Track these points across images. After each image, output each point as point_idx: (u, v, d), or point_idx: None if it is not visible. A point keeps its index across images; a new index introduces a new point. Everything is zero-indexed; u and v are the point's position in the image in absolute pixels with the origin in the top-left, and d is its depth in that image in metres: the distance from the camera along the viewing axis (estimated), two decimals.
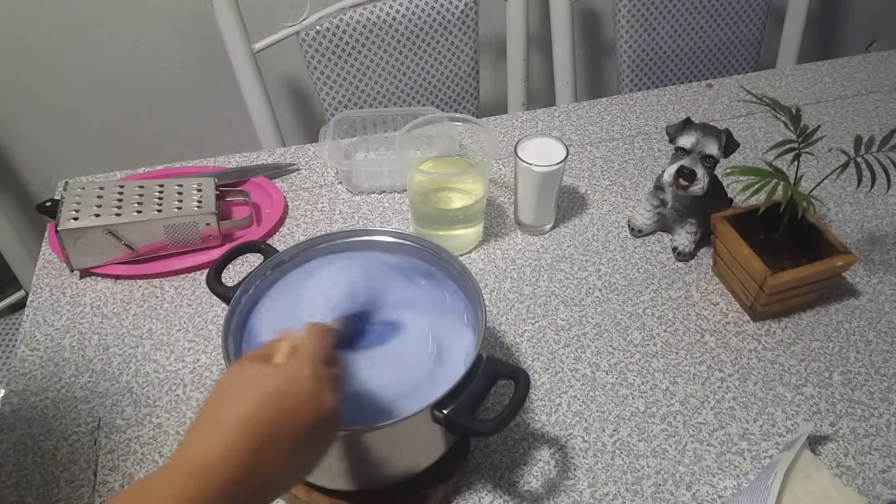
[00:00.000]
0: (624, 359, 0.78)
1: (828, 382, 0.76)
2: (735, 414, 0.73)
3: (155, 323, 0.83)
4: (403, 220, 0.95)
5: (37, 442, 0.71)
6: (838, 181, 0.98)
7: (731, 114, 1.13)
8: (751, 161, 1.04)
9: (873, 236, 0.92)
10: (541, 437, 0.71)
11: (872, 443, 0.70)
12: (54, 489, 0.67)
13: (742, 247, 0.79)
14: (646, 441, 0.71)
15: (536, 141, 0.88)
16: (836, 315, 0.83)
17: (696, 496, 0.66)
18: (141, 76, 1.50)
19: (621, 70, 1.47)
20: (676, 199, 0.87)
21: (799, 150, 0.76)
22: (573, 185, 1.00)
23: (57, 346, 0.80)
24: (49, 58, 1.43)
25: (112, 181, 0.89)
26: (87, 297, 0.86)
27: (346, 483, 0.63)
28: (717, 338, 0.80)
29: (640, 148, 1.07)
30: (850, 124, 1.10)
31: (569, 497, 0.66)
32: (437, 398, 0.56)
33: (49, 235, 0.91)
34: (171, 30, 1.46)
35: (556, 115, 1.14)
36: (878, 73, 1.21)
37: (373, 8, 1.24)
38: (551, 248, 0.91)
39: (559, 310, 0.83)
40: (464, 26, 1.32)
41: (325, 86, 1.29)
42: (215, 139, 1.66)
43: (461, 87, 1.40)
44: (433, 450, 0.62)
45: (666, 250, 0.91)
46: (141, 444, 0.71)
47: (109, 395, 0.75)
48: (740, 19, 1.46)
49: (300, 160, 1.05)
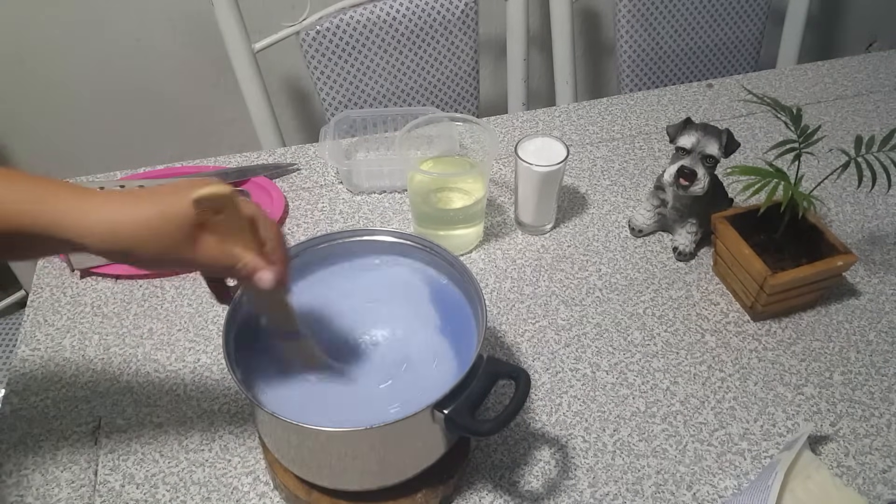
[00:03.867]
0: (624, 359, 0.78)
1: (828, 382, 0.76)
2: (735, 414, 0.73)
3: (155, 323, 0.82)
4: (404, 220, 0.95)
5: (37, 442, 0.71)
6: (839, 181, 0.98)
7: (731, 114, 1.13)
8: (751, 161, 1.03)
9: (874, 236, 0.92)
10: (541, 437, 0.71)
11: (873, 443, 0.70)
12: (54, 489, 0.67)
13: (742, 247, 0.79)
14: (646, 441, 0.71)
15: (537, 141, 0.88)
16: (836, 315, 0.83)
17: (696, 496, 0.66)
18: (141, 76, 1.50)
19: (621, 70, 1.47)
20: (677, 199, 0.87)
21: (799, 150, 0.76)
22: (573, 185, 1.00)
23: (57, 346, 0.80)
24: (49, 58, 1.43)
25: (112, 181, 0.89)
26: (88, 296, 0.86)
27: (346, 483, 0.63)
28: (717, 338, 0.80)
29: (640, 148, 1.07)
30: (850, 124, 1.10)
31: (569, 497, 0.66)
32: (438, 398, 0.56)
33: None
34: (171, 30, 1.46)
35: (557, 115, 1.14)
36: (879, 73, 1.21)
37: (373, 8, 1.24)
38: (552, 247, 0.91)
39: (559, 310, 0.83)
40: (464, 26, 1.32)
41: (325, 86, 1.29)
42: (215, 139, 1.66)
43: (461, 87, 1.40)
44: (433, 450, 0.62)
45: (666, 250, 0.91)
46: (141, 444, 0.71)
47: (110, 395, 0.75)
48: (740, 19, 1.46)
49: (300, 160, 1.05)
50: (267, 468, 0.67)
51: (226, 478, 0.68)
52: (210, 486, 0.67)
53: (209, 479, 0.68)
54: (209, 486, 0.67)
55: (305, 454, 0.61)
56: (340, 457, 0.60)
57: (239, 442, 0.71)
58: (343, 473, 0.61)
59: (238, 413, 0.73)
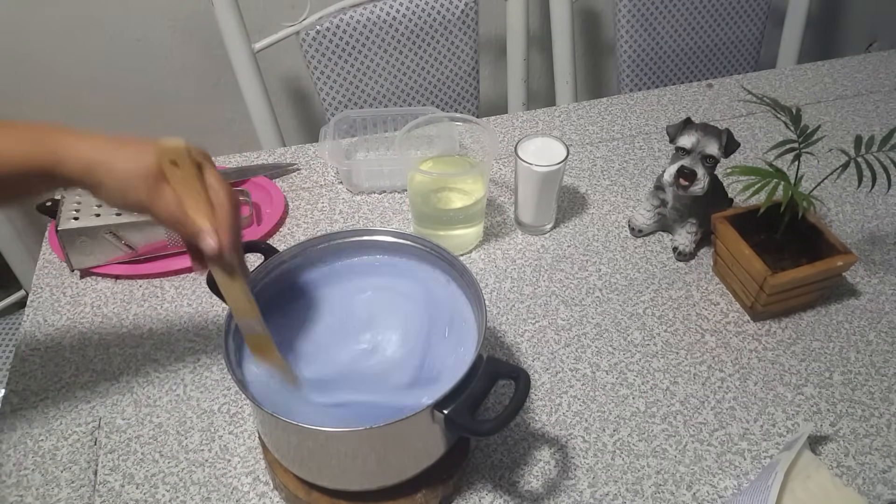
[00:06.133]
0: (624, 359, 0.78)
1: (828, 382, 0.76)
2: (735, 414, 0.73)
3: (155, 323, 0.82)
4: (404, 220, 0.95)
5: (37, 442, 0.71)
6: (838, 181, 0.98)
7: (731, 114, 1.13)
8: (751, 161, 1.04)
9: (874, 236, 0.92)
10: (541, 437, 0.71)
11: (873, 443, 0.70)
12: (54, 489, 0.67)
13: (742, 247, 0.79)
14: (646, 441, 0.71)
15: (537, 141, 0.88)
16: (836, 315, 0.83)
17: (696, 496, 0.66)
18: (141, 76, 1.50)
19: (621, 70, 1.47)
20: (677, 199, 0.87)
21: (799, 150, 0.76)
22: (573, 185, 1.00)
23: (57, 346, 0.80)
24: (49, 58, 1.42)
25: None
26: (88, 296, 0.86)
27: (346, 483, 0.63)
28: (717, 338, 0.80)
29: (640, 148, 1.07)
30: (850, 124, 1.10)
31: (569, 497, 0.66)
32: (438, 398, 0.56)
33: (49, 235, 0.91)
34: (171, 30, 1.45)
35: (557, 115, 1.14)
36: (878, 73, 1.21)
37: (373, 8, 1.24)
38: (551, 247, 0.91)
39: (559, 310, 0.83)
40: (464, 26, 1.32)
41: (325, 86, 1.29)
42: (215, 139, 1.66)
43: (461, 87, 1.40)
44: (433, 450, 0.62)
45: (666, 250, 0.91)
46: (141, 444, 0.71)
47: (110, 395, 0.75)
48: (740, 19, 1.46)
49: (300, 160, 1.05)
50: (267, 468, 0.67)
51: (226, 478, 0.68)
52: (210, 486, 0.67)
53: (209, 479, 0.68)
54: (209, 486, 0.67)
55: (305, 454, 0.61)
56: (340, 457, 0.60)
57: (239, 442, 0.71)
58: (343, 473, 0.61)
59: (238, 413, 0.73)
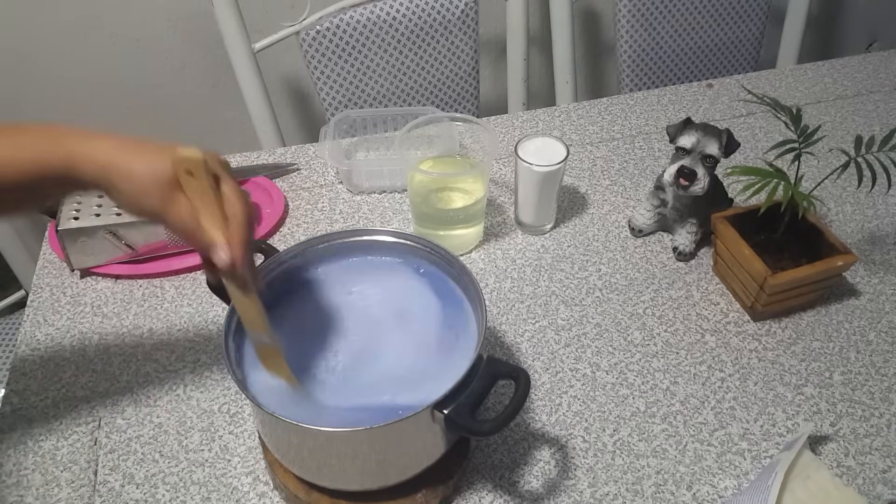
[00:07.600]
0: (624, 359, 0.78)
1: (828, 382, 0.76)
2: (735, 414, 0.73)
3: (155, 322, 0.82)
4: (404, 220, 0.95)
5: (37, 442, 0.71)
6: (839, 181, 0.98)
7: (731, 114, 1.13)
8: (751, 161, 1.04)
9: (874, 236, 0.92)
10: (541, 437, 0.71)
11: (873, 443, 0.70)
12: (54, 489, 0.67)
13: (742, 247, 0.79)
14: (646, 441, 0.71)
15: (537, 141, 0.88)
16: (836, 315, 0.83)
17: (696, 496, 0.66)
18: (141, 76, 1.50)
19: (621, 70, 1.47)
20: (677, 199, 0.87)
21: (799, 150, 0.76)
22: (573, 185, 1.00)
23: (57, 346, 0.80)
24: (49, 58, 1.42)
25: None
26: (88, 296, 0.86)
27: (346, 483, 0.63)
28: (717, 338, 0.80)
29: (640, 148, 1.07)
30: (850, 124, 1.10)
31: (569, 497, 0.66)
32: (438, 398, 0.56)
33: (49, 235, 0.91)
34: (171, 30, 1.45)
35: (557, 115, 1.14)
36: (878, 73, 1.21)
37: (373, 8, 1.24)
38: (551, 247, 0.91)
39: (559, 310, 0.83)
40: (464, 26, 1.32)
41: (325, 86, 1.29)
42: (215, 139, 1.65)
43: (461, 87, 1.40)
44: (433, 450, 0.62)
45: (666, 250, 0.91)
46: (141, 444, 0.71)
47: (109, 395, 0.75)
48: (740, 19, 1.46)
49: (300, 160, 1.05)
50: (267, 468, 0.67)
51: (226, 478, 0.68)
52: (210, 486, 0.67)
53: (209, 479, 0.68)
54: (209, 486, 0.67)
55: (305, 454, 0.61)
56: (340, 457, 0.60)
57: (239, 442, 0.71)
58: (343, 473, 0.61)
59: (238, 413, 0.73)
